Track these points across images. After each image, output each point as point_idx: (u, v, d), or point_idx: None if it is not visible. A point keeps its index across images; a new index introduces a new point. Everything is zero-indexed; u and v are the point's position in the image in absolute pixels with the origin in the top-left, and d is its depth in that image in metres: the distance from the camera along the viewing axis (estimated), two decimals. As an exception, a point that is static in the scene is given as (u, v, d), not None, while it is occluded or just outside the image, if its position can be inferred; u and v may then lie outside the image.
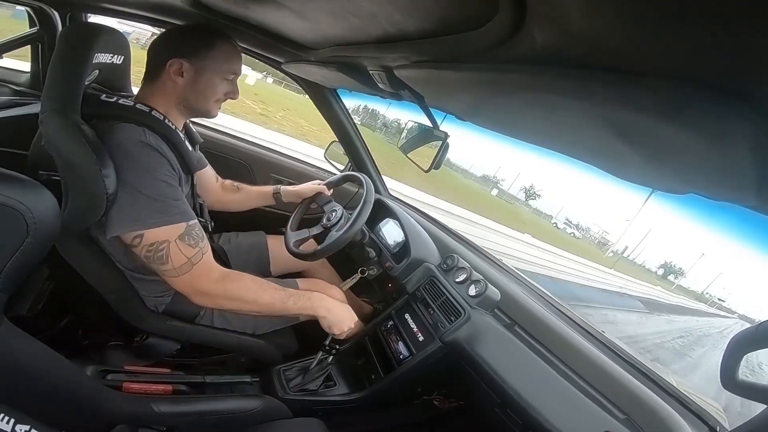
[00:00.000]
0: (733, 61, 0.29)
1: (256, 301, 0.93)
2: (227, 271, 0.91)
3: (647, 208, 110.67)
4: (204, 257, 0.87)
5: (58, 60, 0.76)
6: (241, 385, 1.11)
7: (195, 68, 0.90)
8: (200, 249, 0.86)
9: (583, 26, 0.35)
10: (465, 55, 0.55)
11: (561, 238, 32.41)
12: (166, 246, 0.81)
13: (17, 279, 0.52)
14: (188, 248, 0.84)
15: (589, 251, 40.60)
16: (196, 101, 0.94)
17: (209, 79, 0.93)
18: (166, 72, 0.90)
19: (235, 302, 0.91)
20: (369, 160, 1.70)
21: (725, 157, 0.37)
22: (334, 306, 1.04)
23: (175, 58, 0.89)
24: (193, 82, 0.91)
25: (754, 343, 0.46)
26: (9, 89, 1.50)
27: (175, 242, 0.82)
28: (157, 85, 0.91)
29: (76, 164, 0.72)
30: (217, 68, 0.93)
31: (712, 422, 0.91)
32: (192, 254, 0.84)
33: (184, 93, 0.92)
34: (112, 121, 0.81)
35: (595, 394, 0.91)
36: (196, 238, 0.86)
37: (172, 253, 0.82)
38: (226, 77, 0.96)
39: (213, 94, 0.95)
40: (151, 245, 0.81)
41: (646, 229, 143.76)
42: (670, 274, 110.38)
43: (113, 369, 0.95)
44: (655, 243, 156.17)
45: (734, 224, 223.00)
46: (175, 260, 0.82)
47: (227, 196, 1.34)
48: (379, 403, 1.22)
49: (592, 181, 73.89)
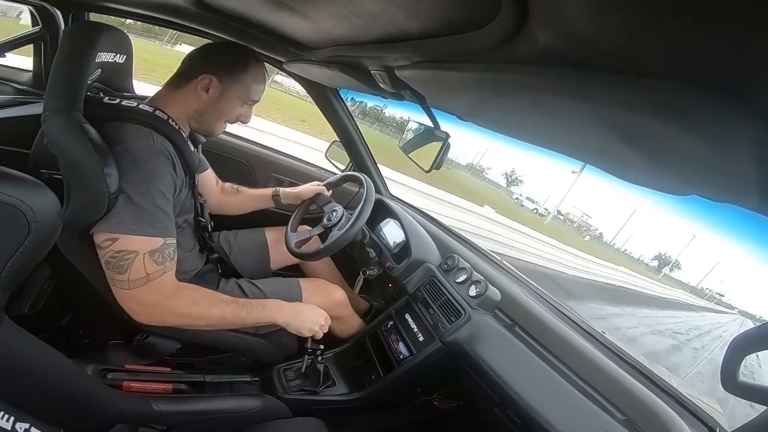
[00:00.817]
0: (736, 62, 0.29)
1: (205, 315, 0.88)
2: (180, 286, 0.87)
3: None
4: (164, 276, 0.82)
5: (61, 58, 0.76)
6: (241, 384, 1.11)
7: (222, 87, 0.92)
8: (164, 268, 0.82)
9: (586, 27, 0.35)
10: (467, 56, 0.55)
11: (523, 215, 31.73)
12: (132, 257, 0.78)
13: (18, 277, 0.52)
14: (153, 264, 0.80)
15: (560, 232, 39.59)
16: (209, 119, 0.95)
17: (231, 100, 0.94)
18: (193, 84, 0.91)
19: (182, 318, 0.87)
20: (370, 160, 1.70)
21: (727, 158, 0.37)
22: (294, 310, 1.00)
23: (207, 74, 0.90)
24: (215, 101, 0.92)
25: (755, 344, 0.45)
26: (11, 88, 1.50)
27: (143, 255, 0.79)
28: (180, 94, 0.92)
29: (78, 163, 0.73)
30: (241, 91, 0.95)
31: (712, 423, 0.91)
32: (153, 271, 0.80)
33: (203, 108, 0.93)
34: (117, 123, 0.81)
35: (595, 395, 0.91)
36: (166, 257, 0.82)
37: (134, 266, 0.78)
38: (246, 102, 0.97)
39: (228, 114, 0.96)
40: (118, 252, 0.77)
41: (630, 211, 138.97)
42: (653, 260, 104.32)
43: (113, 368, 0.95)
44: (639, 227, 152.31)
45: (734, 225, 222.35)
46: (134, 273, 0.78)
47: (226, 199, 1.34)
48: (379, 403, 1.22)
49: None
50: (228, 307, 0.91)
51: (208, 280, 1.13)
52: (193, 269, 1.09)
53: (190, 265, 1.07)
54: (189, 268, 1.07)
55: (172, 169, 0.85)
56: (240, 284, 1.15)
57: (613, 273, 19.44)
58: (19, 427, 0.54)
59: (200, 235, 1.12)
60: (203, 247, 1.14)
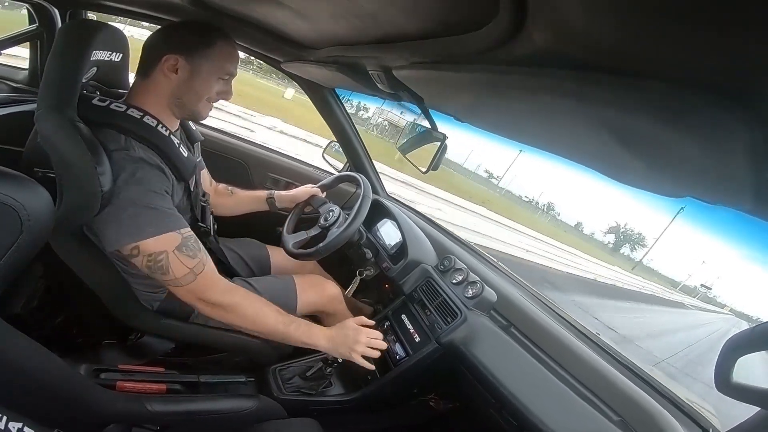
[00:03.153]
0: (732, 65, 0.29)
1: (257, 319, 0.91)
2: (232, 284, 0.91)
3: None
4: (206, 267, 0.86)
5: (55, 56, 0.76)
6: (236, 384, 1.10)
7: (191, 66, 0.87)
8: (200, 260, 0.85)
9: (583, 29, 0.35)
10: (464, 57, 0.55)
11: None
12: (164, 257, 0.80)
13: (10, 276, 0.52)
14: (188, 259, 0.83)
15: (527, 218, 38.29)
16: (188, 100, 0.91)
17: (205, 78, 0.90)
18: (159, 68, 0.87)
19: (237, 317, 0.90)
20: (367, 161, 1.70)
21: (722, 161, 0.37)
22: (334, 333, 0.98)
23: (170, 54, 0.86)
24: (187, 80, 0.88)
25: (749, 345, 0.46)
26: (7, 86, 1.49)
27: (173, 253, 0.81)
28: (149, 82, 0.88)
29: (71, 162, 0.72)
30: (214, 67, 0.90)
31: (705, 424, 0.92)
32: (193, 265, 0.83)
33: (177, 91, 0.89)
34: (104, 128, 0.79)
35: (590, 396, 0.92)
36: (194, 249, 0.85)
37: (172, 264, 0.81)
38: (221, 77, 0.93)
39: (206, 92, 0.92)
40: (150, 255, 0.80)
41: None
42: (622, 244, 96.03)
43: (107, 368, 0.94)
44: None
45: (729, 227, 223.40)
46: (176, 271, 0.82)
47: (220, 200, 1.32)
48: (375, 403, 1.21)
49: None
50: (280, 317, 0.93)
51: None
52: None
53: None
54: None
55: (161, 173, 0.84)
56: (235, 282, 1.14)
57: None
58: (12, 427, 0.53)
59: (200, 239, 1.11)
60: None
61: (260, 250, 1.40)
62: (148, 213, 0.79)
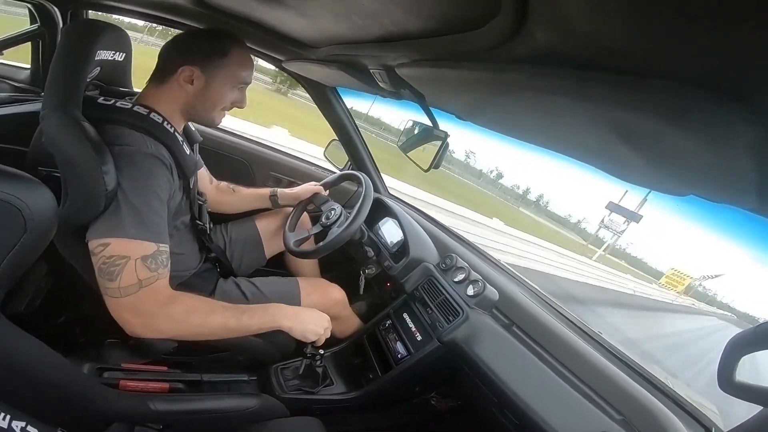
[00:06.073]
0: (735, 63, 0.29)
1: (205, 323, 0.82)
2: (176, 293, 0.82)
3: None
4: (157, 282, 0.78)
5: (60, 56, 0.76)
6: (239, 383, 1.11)
7: (206, 77, 0.88)
8: (158, 275, 0.78)
9: (585, 27, 0.35)
10: (466, 55, 0.55)
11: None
12: (123, 262, 0.74)
13: (14, 275, 0.52)
14: (145, 270, 0.76)
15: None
16: (203, 109, 0.93)
17: (219, 88, 0.91)
18: (175, 78, 0.88)
19: (180, 327, 0.81)
20: (369, 159, 1.69)
21: (725, 159, 0.37)
22: (297, 314, 0.95)
23: (186, 65, 0.86)
24: (202, 91, 0.89)
25: (752, 344, 0.46)
26: (9, 86, 1.50)
27: (135, 261, 0.75)
28: (164, 89, 0.89)
29: (76, 161, 0.72)
30: (228, 77, 0.91)
31: (707, 423, 0.91)
32: (145, 277, 0.76)
33: (191, 100, 0.90)
34: (110, 125, 0.79)
35: (592, 395, 0.92)
36: (159, 264, 0.79)
37: (125, 272, 0.74)
38: (236, 86, 0.94)
39: (220, 102, 0.93)
40: (110, 257, 0.74)
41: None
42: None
43: (110, 367, 0.95)
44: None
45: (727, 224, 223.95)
46: (125, 279, 0.74)
47: (222, 198, 1.33)
48: (377, 402, 1.22)
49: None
50: (229, 312, 0.86)
51: (207, 279, 1.12)
52: (191, 268, 1.08)
53: (188, 264, 1.07)
54: (187, 267, 1.06)
55: (169, 173, 0.84)
56: (239, 284, 1.15)
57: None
58: (15, 426, 0.54)
59: (198, 236, 1.11)
60: (201, 247, 1.14)
61: (251, 229, 1.40)
62: (140, 214, 0.76)
